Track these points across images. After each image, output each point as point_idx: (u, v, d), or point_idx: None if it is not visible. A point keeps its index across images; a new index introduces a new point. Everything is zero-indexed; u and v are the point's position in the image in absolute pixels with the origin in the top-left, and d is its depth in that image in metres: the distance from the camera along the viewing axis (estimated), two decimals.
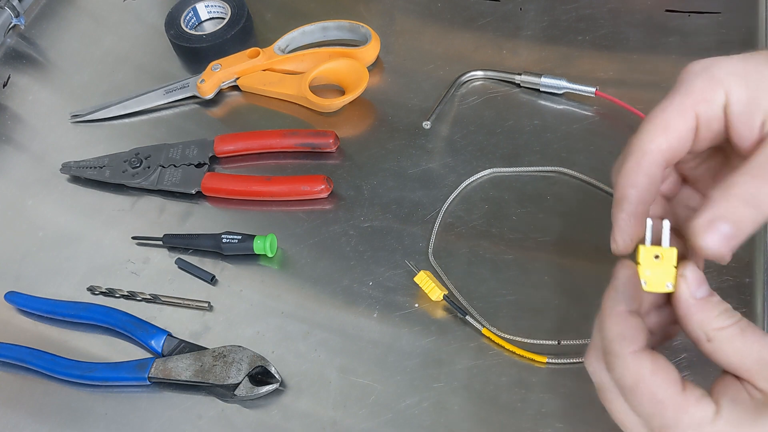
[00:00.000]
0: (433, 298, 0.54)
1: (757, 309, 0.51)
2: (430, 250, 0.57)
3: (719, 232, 0.34)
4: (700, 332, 0.36)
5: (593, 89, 0.63)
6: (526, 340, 0.52)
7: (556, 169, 0.60)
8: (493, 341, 0.52)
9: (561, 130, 0.63)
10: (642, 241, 0.38)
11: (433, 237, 0.58)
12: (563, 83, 0.64)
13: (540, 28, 0.70)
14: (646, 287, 0.37)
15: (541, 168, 0.61)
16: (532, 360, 0.51)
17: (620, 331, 0.36)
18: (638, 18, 0.69)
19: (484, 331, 0.52)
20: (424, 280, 0.54)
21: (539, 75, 0.65)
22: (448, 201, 0.60)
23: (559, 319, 0.53)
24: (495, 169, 0.61)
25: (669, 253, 0.37)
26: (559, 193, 0.59)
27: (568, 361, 0.51)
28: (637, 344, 0.36)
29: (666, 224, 0.37)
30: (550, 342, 0.52)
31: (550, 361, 0.51)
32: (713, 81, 0.37)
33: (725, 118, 0.37)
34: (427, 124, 0.63)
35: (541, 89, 0.65)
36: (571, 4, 0.71)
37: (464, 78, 0.67)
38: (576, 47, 0.68)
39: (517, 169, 0.61)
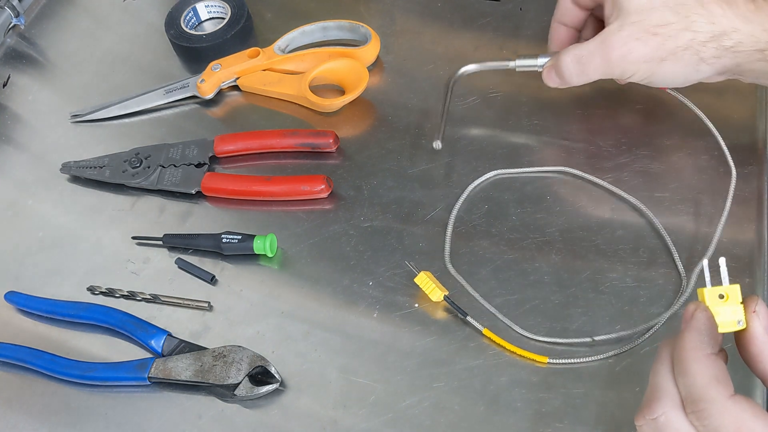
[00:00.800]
0: (433, 299, 0.54)
1: None
2: (446, 257, 0.57)
3: (551, 77, 0.57)
4: None
5: None
6: (527, 335, 0.52)
7: (560, 168, 0.60)
8: (494, 342, 0.52)
9: (561, 130, 0.63)
10: (704, 284, 0.39)
11: (447, 243, 0.58)
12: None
13: (540, 28, 0.70)
14: (719, 328, 0.37)
15: (544, 168, 0.60)
16: (534, 360, 0.51)
17: (714, 374, 0.34)
18: None
19: (485, 331, 0.52)
20: (424, 281, 0.54)
21: (536, 56, 0.59)
22: (458, 204, 0.59)
23: (559, 319, 0.53)
24: (499, 171, 0.61)
25: (732, 290, 0.37)
26: (559, 192, 0.59)
27: (570, 361, 0.51)
28: (731, 388, 0.35)
29: (722, 261, 0.38)
30: (549, 339, 0.52)
31: (551, 361, 0.51)
32: None
33: None
34: (438, 145, 0.60)
35: (539, 70, 0.59)
36: None
37: (457, 75, 0.63)
38: None
39: (521, 170, 0.61)
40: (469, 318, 0.53)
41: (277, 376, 0.52)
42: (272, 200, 0.63)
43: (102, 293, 0.59)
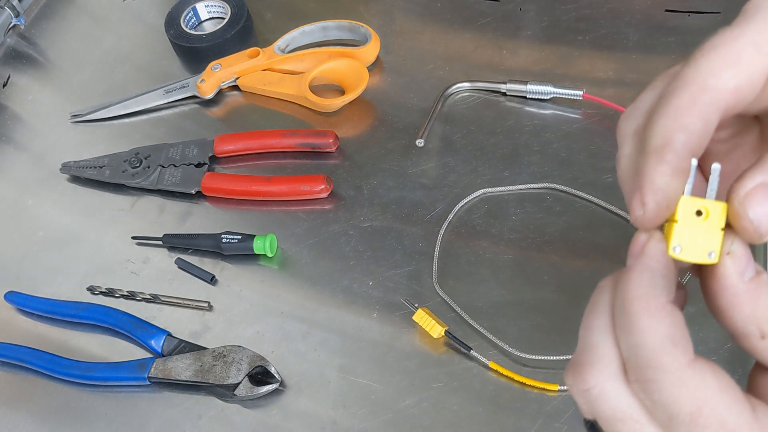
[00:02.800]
0: (434, 336, 0.52)
1: None
2: (434, 279, 0.56)
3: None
4: (750, 326, 0.26)
5: (580, 92, 0.63)
6: (532, 357, 0.51)
7: (547, 185, 0.59)
8: (501, 374, 0.51)
9: (560, 129, 0.63)
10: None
11: (435, 264, 0.58)
12: (549, 89, 0.64)
13: (540, 28, 0.70)
14: (679, 254, 0.26)
15: (532, 185, 0.60)
16: (544, 390, 0.50)
17: (668, 334, 0.25)
18: (638, 18, 0.69)
19: (491, 364, 0.51)
20: (422, 318, 0.53)
21: (525, 83, 0.64)
22: (444, 227, 0.58)
23: (559, 319, 0.53)
24: (486, 189, 0.60)
25: (716, 208, 0.26)
26: (559, 193, 0.59)
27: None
28: (691, 350, 0.26)
29: (716, 168, 0.27)
30: (557, 357, 0.51)
31: (562, 388, 0.50)
32: None
33: None
34: (420, 143, 0.63)
35: (528, 96, 0.65)
36: (570, 4, 0.71)
37: (450, 90, 0.66)
38: (576, 47, 0.68)
39: (508, 188, 0.60)
40: (473, 352, 0.52)
41: (276, 376, 0.52)
42: (272, 200, 0.63)
43: (102, 293, 0.59)
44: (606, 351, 0.27)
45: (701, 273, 0.27)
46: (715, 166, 0.26)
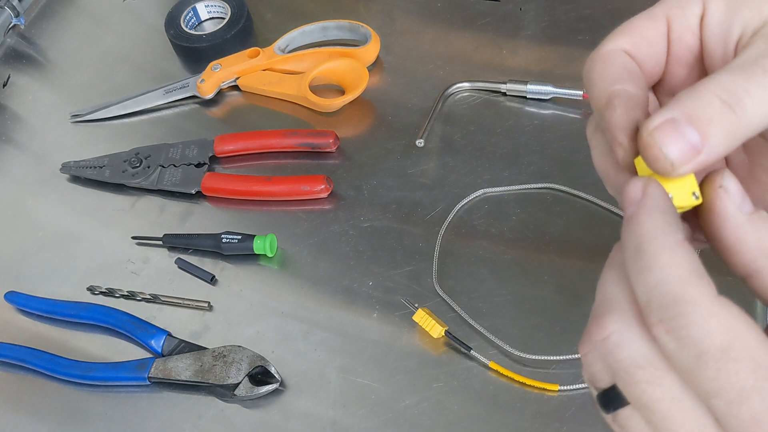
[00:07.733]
0: (434, 336, 0.52)
1: (757, 309, 0.51)
2: (434, 279, 0.56)
3: (684, 136, 0.25)
4: (762, 259, 0.26)
5: (581, 92, 0.63)
6: (533, 357, 0.51)
7: (547, 185, 0.59)
8: (501, 373, 0.51)
9: (561, 129, 0.63)
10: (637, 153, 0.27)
11: (435, 264, 0.58)
12: (549, 89, 0.64)
13: (540, 28, 0.70)
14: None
15: (532, 185, 0.60)
16: (544, 389, 0.50)
17: (692, 267, 0.24)
18: None
19: (491, 364, 0.51)
20: (423, 318, 0.53)
21: (525, 83, 0.64)
22: (444, 227, 0.59)
23: (559, 319, 0.53)
24: (486, 189, 0.60)
25: None
26: (559, 193, 0.59)
27: (581, 386, 0.50)
28: (714, 287, 0.25)
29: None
30: (557, 357, 0.51)
31: (562, 388, 0.50)
32: None
33: (700, 32, 0.31)
34: (420, 143, 0.63)
35: (528, 96, 0.65)
36: (571, 4, 0.71)
37: (450, 90, 0.66)
38: (576, 47, 0.68)
39: (508, 188, 0.60)
40: (473, 352, 0.52)
41: (277, 376, 0.52)
42: (272, 200, 0.63)
43: (102, 293, 0.59)
44: (622, 298, 0.27)
45: (702, 219, 0.27)
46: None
